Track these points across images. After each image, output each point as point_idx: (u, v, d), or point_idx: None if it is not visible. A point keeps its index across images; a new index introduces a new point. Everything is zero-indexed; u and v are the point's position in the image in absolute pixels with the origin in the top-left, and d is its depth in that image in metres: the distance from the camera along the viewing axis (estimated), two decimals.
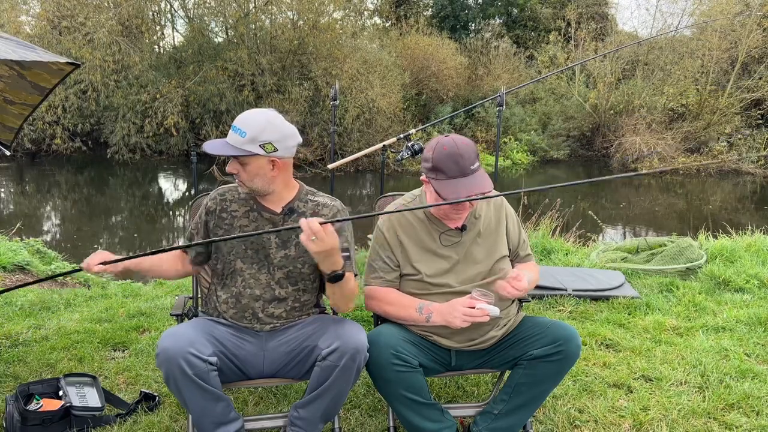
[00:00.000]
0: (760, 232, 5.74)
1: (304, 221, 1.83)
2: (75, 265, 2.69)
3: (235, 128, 2.01)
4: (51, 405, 2.44)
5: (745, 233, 5.79)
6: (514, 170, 17.66)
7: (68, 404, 2.43)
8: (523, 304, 2.47)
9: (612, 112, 19.14)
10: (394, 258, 2.23)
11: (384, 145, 4.11)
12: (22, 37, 12.76)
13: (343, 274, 1.97)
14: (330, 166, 3.93)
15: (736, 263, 4.59)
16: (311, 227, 1.81)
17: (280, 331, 2.18)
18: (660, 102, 18.37)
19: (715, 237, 5.70)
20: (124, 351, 3.27)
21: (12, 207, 12.48)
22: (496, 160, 4.61)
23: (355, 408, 2.61)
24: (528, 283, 2.12)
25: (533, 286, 2.31)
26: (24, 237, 6.37)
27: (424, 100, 19.78)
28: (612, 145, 18.50)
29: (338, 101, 4.15)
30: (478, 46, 21.46)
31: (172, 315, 2.38)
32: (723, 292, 4.13)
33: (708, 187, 15.71)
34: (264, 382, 2.23)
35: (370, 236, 2.41)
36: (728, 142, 17.85)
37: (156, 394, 2.68)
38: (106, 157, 16.12)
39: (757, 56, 17.63)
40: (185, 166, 16.35)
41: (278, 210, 2.15)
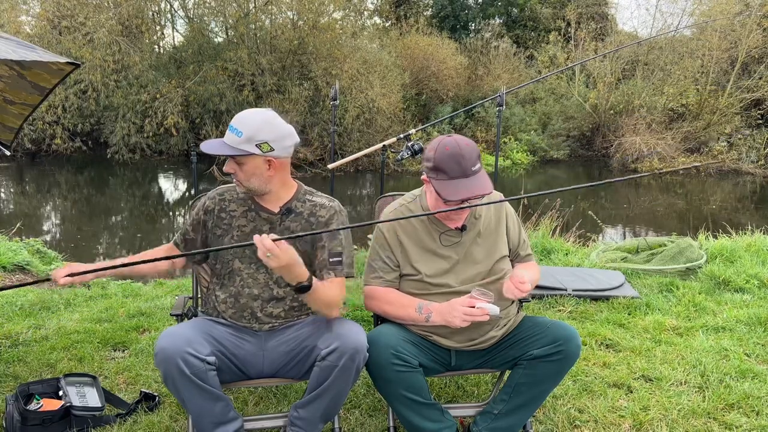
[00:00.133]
0: (760, 232, 5.73)
1: (258, 238, 1.80)
2: (47, 273, 2.68)
3: (232, 128, 2.01)
4: (51, 405, 2.44)
5: (745, 233, 5.79)
6: (514, 170, 17.65)
7: (68, 404, 2.43)
8: (523, 304, 2.48)
9: (612, 112, 19.13)
10: (394, 258, 2.23)
11: (384, 145, 4.10)
12: (22, 37, 12.75)
13: (309, 285, 1.93)
14: (330, 166, 3.93)
15: (736, 263, 4.59)
16: (264, 244, 1.79)
17: (279, 331, 2.18)
18: (660, 102, 18.36)
19: (715, 237, 5.70)
20: (124, 351, 3.27)
21: (12, 207, 12.48)
22: (496, 160, 4.61)
23: (355, 408, 2.61)
24: (531, 284, 2.12)
25: (534, 286, 2.31)
26: (24, 237, 6.37)
27: (424, 100, 19.77)
28: (612, 145, 18.49)
29: (338, 101, 4.15)
30: (478, 46, 21.45)
31: (172, 315, 2.38)
32: (723, 292, 4.13)
33: (708, 187, 15.71)
34: (264, 382, 2.23)
35: (371, 236, 2.41)
36: (728, 142, 17.84)
37: (156, 394, 2.68)
38: (106, 157, 16.11)
39: (757, 56, 17.62)
40: (185, 166, 16.34)
41: (276, 210, 2.15)
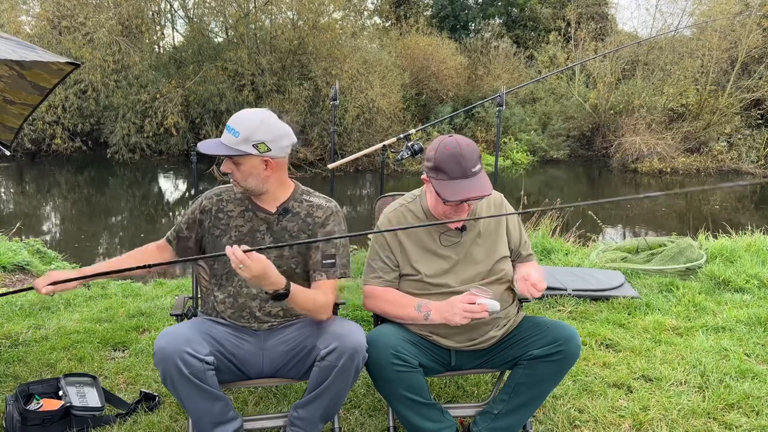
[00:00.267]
0: (760, 232, 5.73)
1: (229, 249, 1.80)
2: (30, 283, 2.67)
3: (229, 128, 2.01)
4: (51, 405, 2.44)
5: (745, 233, 5.79)
6: (514, 170, 17.66)
7: (68, 404, 2.43)
8: (523, 304, 2.47)
9: (612, 112, 19.13)
10: (394, 258, 2.23)
11: (384, 145, 4.11)
12: (22, 37, 12.75)
13: (286, 294, 1.93)
14: (330, 166, 3.93)
15: (736, 263, 4.59)
16: (236, 256, 1.79)
17: (279, 330, 2.18)
18: (660, 102, 18.36)
19: (715, 237, 5.70)
20: (124, 351, 3.27)
21: (12, 207, 12.48)
22: (496, 160, 4.61)
23: (355, 408, 2.61)
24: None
25: None
26: (24, 237, 6.38)
27: (424, 100, 19.78)
28: (612, 145, 18.50)
29: (338, 101, 4.16)
30: (478, 46, 21.46)
31: (171, 315, 2.38)
32: (723, 292, 4.13)
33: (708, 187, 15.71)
34: (263, 382, 2.23)
35: (370, 236, 2.41)
36: (728, 142, 17.84)
37: (156, 394, 2.68)
38: (106, 157, 16.12)
39: (757, 56, 17.62)
40: (185, 166, 16.35)
41: (273, 210, 2.15)
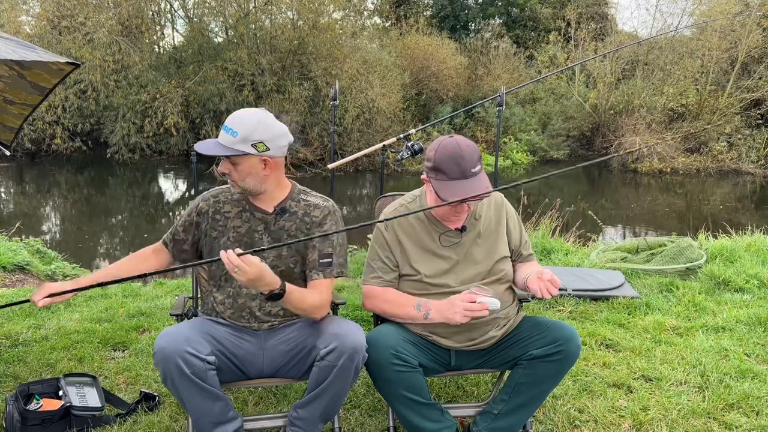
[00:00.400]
0: (760, 232, 5.73)
1: (224, 254, 1.80)
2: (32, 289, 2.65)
3: (227, 128, 2.01)
4: (51, 405, 2.44)
5: (745, 233, 5.78)
6: (514, 170, 17.66)
7: (68, 404, 2.43)
8: (523, 304, 2.47)
9: (612, 112, 19.14)
10: (393, 258, 2.23)
11: (384, 145, 4.11)
12: (22, 37, 12.75)
13: (282, 293, 1.93)
14: (330, 166, 3.93)
15: (736, 263, 4.59)
16: (231, 260, 1.78)
17: (279, 330, 2.18)
18: (660, 102, 18.37)
19: (715, 237, 5.70)
20: (124, 351, 3.26)
21: (12, 207, 12.48)
22: (496, 160, 4.61)
23: (355, 408, 2.60)
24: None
25: None
26: (24, 237, 6.38)
27: (424, 100, 19.78)
28: (612, 145, 18.49)
29: (338, 101, 4.16)
30: (478, 46, 21.47)
31: (172, 315, 2.38)
32: (723, 292, 4.12)
33: (708, 187, 15.71)
34: (263, 382, 2.23)
35: (370, 236, 2.41)
36: (728, 142, 17.84)
37: (156, 394, 2.68)
38: (106, 157, 16.12)
39: (756, 56, 17.62)
40: (185, 166, 16.35)
41: (270, 210, 2.15)
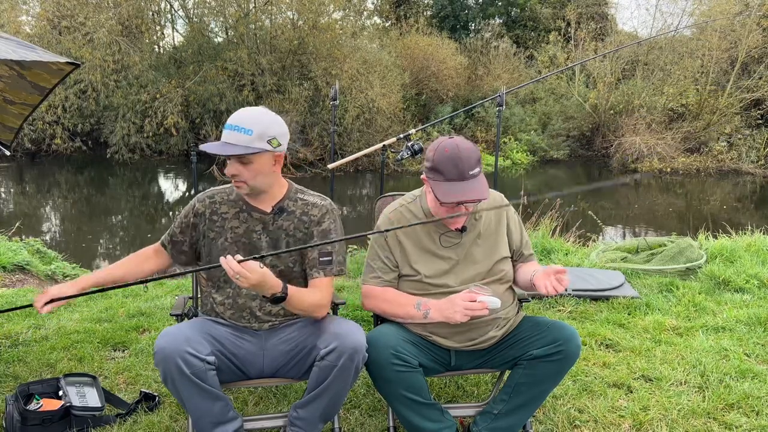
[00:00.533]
0: (760, 232, 5.73)
1: (224, 261, 1.79)
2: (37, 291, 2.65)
3: (237, 127, 1.98)
4: (51, 405, 2.44)
5: (745, 233, 5.78)
6: (514, 170, 17.66)
7: (68, 404, 2.43)
8: (523, 304, 2.47)
9: (612, 112, 19.13)
10: (393, 258, 2.23)
11: (384, 145, 4.10)
12: (22, 37, 12.75)
13: (284, 296, 1.93)
14: (330, 166, 3.93)
15: (736, 263, 4.59)
16: (231, 267, 1.78)
17: (279, 329, 2.18)
18: (660, 102, 18.36)
19: (715, 237, 5.70)
20: (124, 351, 3.27)
21: (12, 207, 12.48)
22: (496, 160, 4.60)
23: (355, 408, 2.60)
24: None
25: None
26: (24, 237, 6.38)
27: (424, 100, 19.78)
28: (612, 145, 18.50)
29: (338, 101, 4.15)
30: (478, 46, 21.47)
31: (171, 315, 2.38)
32: (723, 292, 4.12)
33: (708, 187, 15.71)
34: (263, 382, 2.23)
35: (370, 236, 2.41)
36: (728, 142, 17.84)
37: (156, 394, 2.68)
38: (106, 157, 16.12)
39: (756, 56, 17.62)
40: (185, 166, 16.35)
41: (268, 209, 2.14)
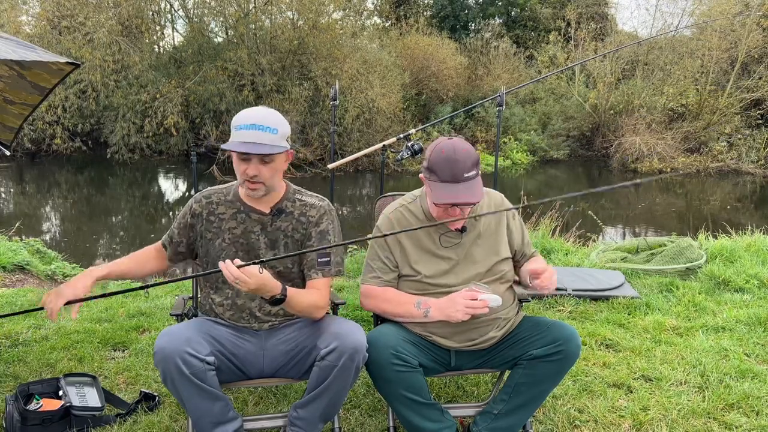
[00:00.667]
0: (760, 232, 5.73)
1: (223, 265, 1.78)
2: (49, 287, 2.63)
3: (262, 126, 1.96)
4: (51, 405, 2.44)
5: (745, 233, 5.78)
6: (514, 170, 17.66)
7: (68, 404, 2.43)
8: (523, 304, 2.47)
9: (612, 112, 19.13)
10: (393, 259, 2.23)
11: (384, 145, 4.10)
12: (22, 37, 12.75)
13: (283, 298, 1.93)
14: (330, 166, 3.93)
15: (736, 263, 4.59)
16: (231, 273, 1.78)
17: (279, 329, 2.18)
18: (660, 102, 18.36)
19: (715, 237, 5.70)
20: (124, 351, 3.26)
21: (12, 207, 12.47)
22: (496, 160, 4.60)
23: (355, 408, 2.60)
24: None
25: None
26: (24, 237, 6.38)
27: (424, 100, 19.78)
28: (612, 145, 18.50)
29: (338, 101, 4.15)
30: (478, 46, 21.47)
31: (171, 315, 2.37)
32: (723, 292, 4.12)
33: (708, 187, 15.71)
34: (264, 382, 2.23)
35: (370, 235, 2.41)
36: (728, 142, 17.84)
37: (156, 394, 2.68)
38: (106, 157, 16.12)
39: (756, 56, 17.62)
40: (185, 166, 16.35)
41: (267, 210, 2.14)
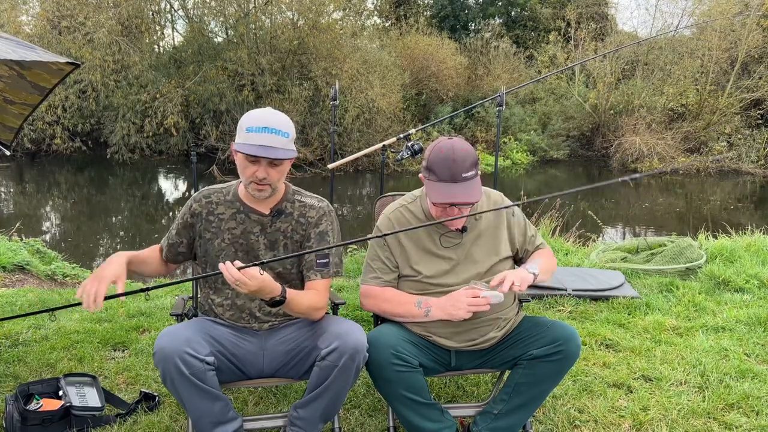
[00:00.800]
0: (760, 232, 5.73)
1: (223, 267, 1.77)
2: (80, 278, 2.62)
3: (276, 130, 1.95)
4: (51, 405, 2.44)
5: (745, 233, 5.79)
6: (514, 170, 17.67)
7: (68, 404, 2.43)
8: (523, 304, 2.47)
9: (612, 112, 19.14)
10: (393, 259, 2.23)
11: (384, 145, 4.10)
12: (22, 37, 12.75)
13: (282, 300, 1.92)
14: (330, 166, 3.93)
15: (735, 263, 4.59)
16: (231, 274, 1.77)
17: (279, 329, 2.18)
18: (660, 102, 18.37)
19: (715, 237, 5.70)
20: (124, 351, 3.27)
21: (12, 207, 12.47)
22: (496, 160, 4.59)
23: (355, 408, 2.60)
24: (520, 278, 2.04)
25: (553, 270, 2.28)
26: (24, 237, 6.37)
27: (424, 100, 19.79)
28: (612, 145, 18.51)
29: (338, 101, 4.15)
30: (478, 46, 21.47)
31: (171, 315, 2.37)
32: (723, 292, 4.13)
33: (708, 187, 15.71)
34: (263, 382, 2.23)
35: (370, 235, 2.40)
36: (728, 142, 17.85)
37: (156, 394, 2.68)
38: (106, 157, 16.13)
39: (756, 56, 17.63)
40: (185, 166, 16.36)
41: (266, 211, 2.14)
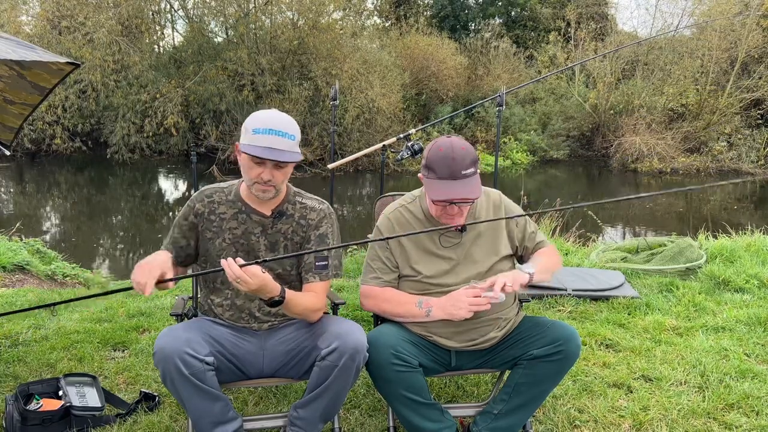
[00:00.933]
0: (760, 232, 5.73)
1: (225, 263, 1.78)
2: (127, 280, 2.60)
3: (283, 133, 1.95)
4: (51, 405, 2.44)
5: (745, 233, 5.79)
6: (514, 170, 17.67)
7: (68, 404, 2.43)
8: (523, 304, 2.47)
9: (612, 112, 19.14)
10: (393, 259, 2.23)
11: (384, 145, 4.10)
12: (22, 37, 12.75)
13: (281, 300, 1.93)
14: (330, 166, 3.93)
15: (735, 263, 4.59)
16: (233, 271, 1.77)
17: (279, 329, 2.18)
18: (660, 102, 18.37)
19: (715, 237, 5.70)
20: (124, 351, 3.27)
21: (12, 207, 12.48)
22: (496, 160, 4.59)
23: (355, 408, 2.60)
24: (514, 280, 2.04)
25: (554, 269, 2.27)
26: (24, 237, 6.38)
27: (424, 100, 19.79)
28: (612, 145, 18.51)
29: (338, 101, 4.15)
30: (478, 46, 21.47)
31: (171, 315, 2.37)
32: (723, 292, 4.12)
33: (708, 187, 15.71)
34: (263, 382, 2.23)
35: (370, 236, 2.41)
36: (728, 142, 17.85)
37: (156, 394, 2.68)
38: (106, 157, 16.13)
39: (756, 56, 17.63)
40: (185, 166, 16.36)
41: (268, 213, 2.13)
